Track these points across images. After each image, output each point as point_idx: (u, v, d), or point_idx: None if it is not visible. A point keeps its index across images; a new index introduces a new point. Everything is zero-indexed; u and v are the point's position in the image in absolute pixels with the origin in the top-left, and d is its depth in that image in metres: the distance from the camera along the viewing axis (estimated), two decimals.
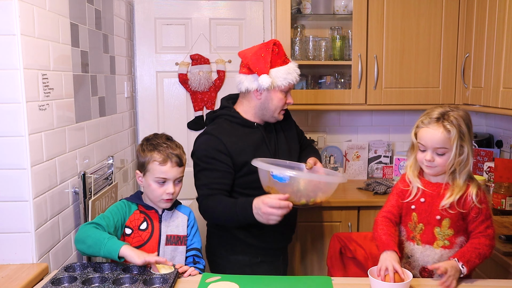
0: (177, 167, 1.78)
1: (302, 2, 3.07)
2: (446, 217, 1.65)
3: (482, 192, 1.67)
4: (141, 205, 1.83)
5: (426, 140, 1.64)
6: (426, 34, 2.93)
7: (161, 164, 1.75)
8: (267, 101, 2.03)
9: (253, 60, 1.99)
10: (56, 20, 1.93)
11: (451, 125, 1.60)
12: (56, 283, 1.55)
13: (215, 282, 1.62)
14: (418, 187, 1.70)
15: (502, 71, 2.38)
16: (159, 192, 1.77)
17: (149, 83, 3.23)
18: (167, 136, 1.88)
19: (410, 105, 3.01)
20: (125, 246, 1.59)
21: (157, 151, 1.77)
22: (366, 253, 1.93)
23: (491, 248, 1.64)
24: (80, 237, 1.66)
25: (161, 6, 3.18)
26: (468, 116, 1.66)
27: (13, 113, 1.67)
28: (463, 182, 1.64)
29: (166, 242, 1.81)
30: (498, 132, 3.04)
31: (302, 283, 1.62)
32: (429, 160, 1.63)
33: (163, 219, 1.83)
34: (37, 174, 1.75)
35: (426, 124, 1.65)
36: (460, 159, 1.62)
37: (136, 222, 1.80)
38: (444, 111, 1.65)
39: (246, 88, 2.02)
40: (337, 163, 3.32)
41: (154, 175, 1.76)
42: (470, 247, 1.62)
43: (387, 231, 1.67)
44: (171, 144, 1.81)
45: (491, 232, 1.65)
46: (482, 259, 1.61)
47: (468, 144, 1.63)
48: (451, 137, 1.60)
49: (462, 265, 1.56)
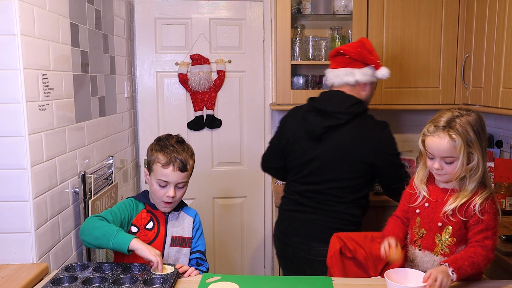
0: (179, 171, 1.74)
1: (302, 2, 3.07)
2: (448, 225, 1.61)
3: (490, 202, 1.57)
4: (148, 204, 1.83)
5: (432, 149, 1.58)
6: (426, 34, 2.93)
7: (164, 167, 1.74)
8: (370, 94, 2.21)
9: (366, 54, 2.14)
10: (56, 20, 1.93)
11: (456, 134, 1.53)
12: (56, 283, 1.55)
13: (215, 282, 1.62)
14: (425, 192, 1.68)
15: (502, 71, 2.38)
16: (160, 194, 1.76)
17: (149, 83, 3.23)
18: (179, 138, 1.83)
19: (410, 105, 3.01)
20: (135, 239, 1.59)
21: (162, 152, 1.75)
22: (366, 253, 1.92)
23: (487, 260, 1.54)
24: (86, 228, 1.64)
25: (161, 6, 3.18)
26: (478, 121, 1.57)
27: (13, 113, 1.67)
28: (471, 189, 1.58)
29: (171, 243, 1.81)
30: (498, 132, 3.04)
31: (303, 283, 1.62)
32: (438, 169, 1.59)
33: (169, 220, 1.83)
34: (37, 174, 1.75)
35: (431, 133, 1.58)
36: (470, 167, 1.55)
37: (143, 220, 1.80)
38: (451, 117, 1.56)
39: (361, 81, 2.14)
40: None
41: (156, 176, 1.75)
42: (464, 255, 1.54)
43: (391, 227, 1.71)
44: (178, 147, 1.77)
45: (489, 244, 1.55)
46: (476, 269, 1.52)
47: (478, 151, 1.55)
48: (456, 146, 1.53)
49: (452, 271, 1.49)
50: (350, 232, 1.97)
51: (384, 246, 1.60)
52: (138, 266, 1.65)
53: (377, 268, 1.89)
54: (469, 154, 1.55)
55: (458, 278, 1.50)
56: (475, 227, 1.57)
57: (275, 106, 3.05)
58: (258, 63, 3.29)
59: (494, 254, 1.58)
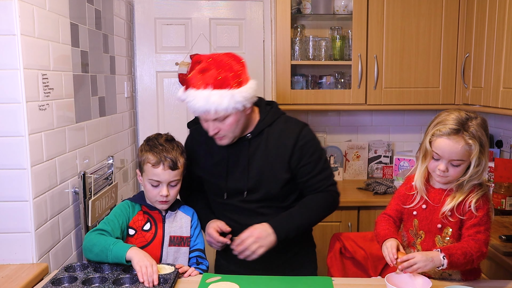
0: (170, 170, 1.72)
1: (302, 2, 3.07)
2: (447, 226, 1.60)
3: (484, 199, 1.57)
4: (144, 205, 1.82)
5: (443, 151, 1.53)
6: (426, 34, 2.93)
7: (154, 167, 1.73)
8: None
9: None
10: (56, 20, 1.93)
11: (472, 139, 1.49)
12: (56, 283, 1.55)
13: (215, 282, 1.62)
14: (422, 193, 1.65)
15: (502, 71, 2.38)
16: (154, 194, 1.75)
17: (149, 83, 3.23)
18: (168, 137, 1.83)
19: (410, 105, 3.01)
20: (131, 250, 1.59)
21: (151, 152, 1.74)
22: (366, 253, 1.92)
23: (480, 253, 1.52)
24: (86, 246, 1.66)
25: (161, 6, 3.18)
26: (486, 124, 1.55)
27: (13, 113, 1.67)
28: (467, 188, 1.57)
29: (170, 243, 1.80)
30: (498, 132, 3.04)
31: (303, 283, 1.62)
32: (443, 171, 1.55)
33: (166, 220, 1.82)
34: (37, 174, 1.75)
35: (445, 134, 1.52)
36: (476, 170, 1.54)
37: (140, 222, 1.79)
38: (462, 118, 1.52)
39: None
40: (337, 163, 3.32)
41: (148, 177, 1.75)
42: (457, 245, 1.53)
43: (386, 226, 1.66)
44: (168, 146, 1.76)
45: (482, 237, 1.54)
46: (468, 259, 1.50)
47: (486, 156, 1.54)
48: (471, 151, 1.50)
49: (444, 256, 1.47)
50: (349, 232, 1.97)
51: (390, 256, 1.53)
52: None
53: (377, 268, 1.89)
54: (479, 159, 1.52)
55: (449, 265, 1.48)
56: (468, 222, 1.57)
57: None
58: (258, 63, 3.28)
59: (487, 249, 1.56)
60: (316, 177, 1.82)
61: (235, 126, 1.74)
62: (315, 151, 1.82)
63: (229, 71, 1.67)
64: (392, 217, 1.72)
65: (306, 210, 1.81)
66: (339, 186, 1.89)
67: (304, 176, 1.81)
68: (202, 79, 1.66)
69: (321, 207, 1.84)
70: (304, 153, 1.79)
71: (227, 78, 1.66)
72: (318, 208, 1.83)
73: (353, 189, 3.05)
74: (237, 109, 1.68)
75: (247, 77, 1.75)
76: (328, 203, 1.85)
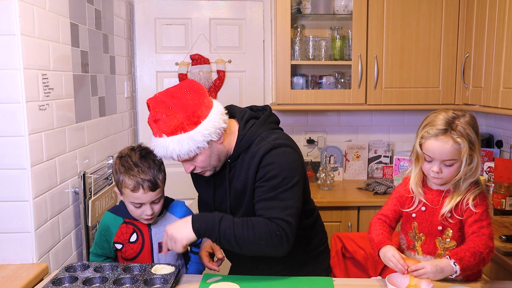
0: (151, 192, 1.65)
1: (302, 2, 3.07)
2: (447, 227, 1.59)
3: (481, 197, 1.57)
4: (127, 217, 1.76)
5: (433, 152, 1.53)
6: (426, 34, 2.93)
7: (133, 191, 1.64)
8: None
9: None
10: (56, 20, 1.93)
11: (460, 137, 1.49)
12: (57, 283, 1.55)
13: (216, 282, 1.62)
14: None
15: (502, 71, 2.38)
16: (138, 213, 1.70)
17: (149, 83, 3.23)
18: (142, 153, 1.69)
19: (410, 105, 3.01)
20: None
21: (128, 176, 1.64)
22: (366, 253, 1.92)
23: (488, 248, 1.50)
24: None
25: (161, 6, 3.18)
26: (474, 121, 1.55)
27: (13, 113, 1.67)
28: (465, 188, 1.57)
29: (159, 250, 1.76)
30: (498, 132, 3.04)
31: (304, 284, 1.62)
32: (437, 172, 1.55)
33: (152, 228, 1.77)
34: (37, 174, 1.75)
35: (433, 136, 1.52)
36: (469, 168, 1.54)
37: (125, 235, 1.75)
38: (450, 118, 1.53)
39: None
40: (337, 163, 3.32)
41: (129, 199, 1.68)
42: (464, 247, 1.52)
43: (380, 231, 1.63)
44: (143, 165, 1.65)
45: (486, 232, 1.52)
46: (478, 259, 1.48)
47: (477, 153, 1.54)
48: (461, 149, 1.51)
49: (454, 263, 1.46)
50: (349, 233, 1.97)
51: (399, 267, 1.50)
52: (138, 266, 1.65)
53: (377, 268, 1.89)
54: (469, 156, 1.53)
55: (462, 269, 1.46)
56: (469, 219, 1.56)
57: (275, 106, 3.04)
58: (258, 63, 3.29)
59: (493, 243, 1.55)
60: (263, 203, 1.60)
61: (208, 161, 1.63)
62: (274, 177, 1.60)
63: (182, 112, 1.54)
64: (388, 219, 1.70)
65: (238, 223, 1.57)
66: (339, 186, 1.88)
67: (255, 197, 1.64)
68: (156, 128, 1.56)
69: (256, 229, 1.55)
70: (262, 174, 1.62)
71: (180, 122, 1.53)
72: (251, 228, 1.55)
73: (353, 189, 3.05)
74: (202, 147, 1.58)
75: (207, 106, 1.60)
76: (265, 233, 1.54)
